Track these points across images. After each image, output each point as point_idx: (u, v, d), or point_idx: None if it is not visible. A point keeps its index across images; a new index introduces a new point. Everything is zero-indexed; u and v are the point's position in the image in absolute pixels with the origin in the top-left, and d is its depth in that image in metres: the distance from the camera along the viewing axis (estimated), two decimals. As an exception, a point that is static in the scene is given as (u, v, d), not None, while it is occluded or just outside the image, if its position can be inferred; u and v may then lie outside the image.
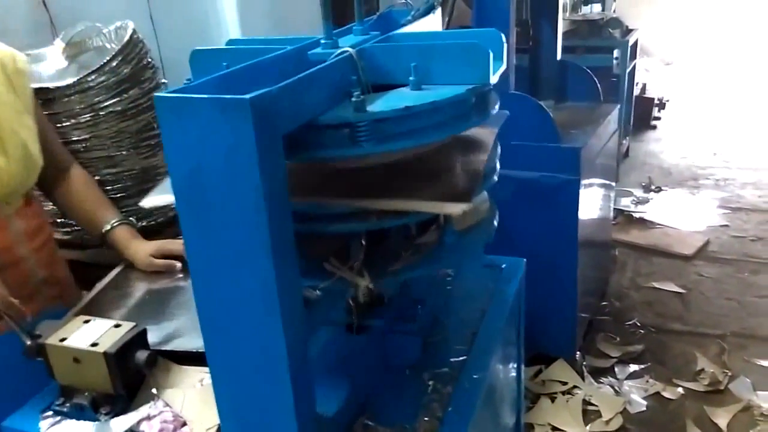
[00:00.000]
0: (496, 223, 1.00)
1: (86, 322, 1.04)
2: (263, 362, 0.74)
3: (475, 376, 1.02)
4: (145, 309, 1.26)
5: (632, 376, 2.36)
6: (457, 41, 0.85)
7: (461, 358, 1.06)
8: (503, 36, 0.95)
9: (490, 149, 0.95)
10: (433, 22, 1.23)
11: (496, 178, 0.96)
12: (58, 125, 1.50)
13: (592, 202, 2.40)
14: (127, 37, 1.58)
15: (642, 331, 2.64)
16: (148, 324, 1.14)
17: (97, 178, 1.54)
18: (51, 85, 1.49)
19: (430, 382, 1.02)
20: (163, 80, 1.72)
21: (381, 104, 0.79)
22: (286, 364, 0.73)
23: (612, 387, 2.31)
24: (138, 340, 1.01)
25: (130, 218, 1.51)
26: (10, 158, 1.21)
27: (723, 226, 3.55)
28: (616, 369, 2.40)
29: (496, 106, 0.91)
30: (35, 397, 1.03)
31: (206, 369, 1.08)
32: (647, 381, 2.33)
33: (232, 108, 0.62)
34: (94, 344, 0.98)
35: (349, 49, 0.84)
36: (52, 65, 1.74)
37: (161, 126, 0.67)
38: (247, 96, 0.62)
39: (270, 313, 0.71)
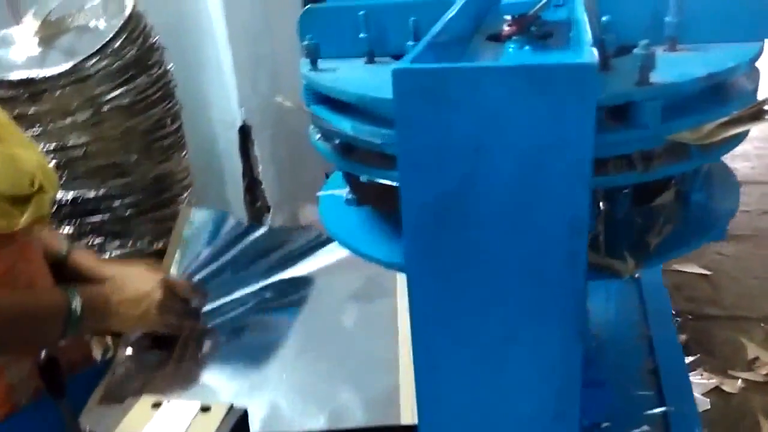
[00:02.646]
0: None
1: (156, 405, 0.73)
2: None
3: (694, 437, 0.77)
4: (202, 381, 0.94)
5: (685, 370, 2.19)
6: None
7: (658, 411, 0.81)
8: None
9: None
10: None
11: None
12: (51, 125, 1.16)
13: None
14: (128, 11, 1.25)
15: (678, 318, 2.47)
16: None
17: (102, 191, 1.21)
18: (37, 74, 1.15)
19: (636, 449, 0.76)
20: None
21: (664, 73, 0.52)
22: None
23: (667, 385, 2.12)
24: (240, 428, 0.71)
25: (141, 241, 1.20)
26: (41, 156, 0.89)
27: (726, 200, 3.44)
28: (666, 364, 2.22)
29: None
30: None
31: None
32: (702, 375, 2.16)
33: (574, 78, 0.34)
34: (183, 442, 0.68)
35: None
36: (21, 51, 1.38)
37: (412, 121, 0.38)
38: (583, 59, 0.34)
39: (563, 418, 0.44)
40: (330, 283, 1.09)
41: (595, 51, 0.35)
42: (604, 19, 0.52)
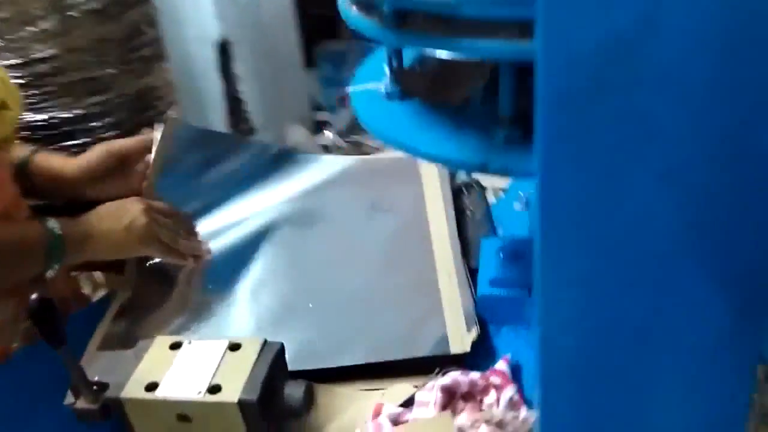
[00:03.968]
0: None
1: (175, 347, 0.63)
2: None
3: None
4: (215, 316, 0.82)
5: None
6: None
7: None
8: None
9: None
10: None
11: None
12: (11, 36, 1.00)
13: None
14: None
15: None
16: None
17: (78, 110, 1.06)
18: (-11, -26, 0.98)
19: None
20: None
21: None
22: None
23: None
24: (279, 365, 0.61)
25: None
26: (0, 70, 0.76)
27: None
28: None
29: None
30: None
31: (360, 386, 0.70)
32: None
33: None
34: (215, 388, 0.57)
35: None
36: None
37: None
38: None
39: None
40: (344, 195, 0.98)
41: None
42: None
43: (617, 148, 0.29)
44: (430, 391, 0.63)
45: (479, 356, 0.71)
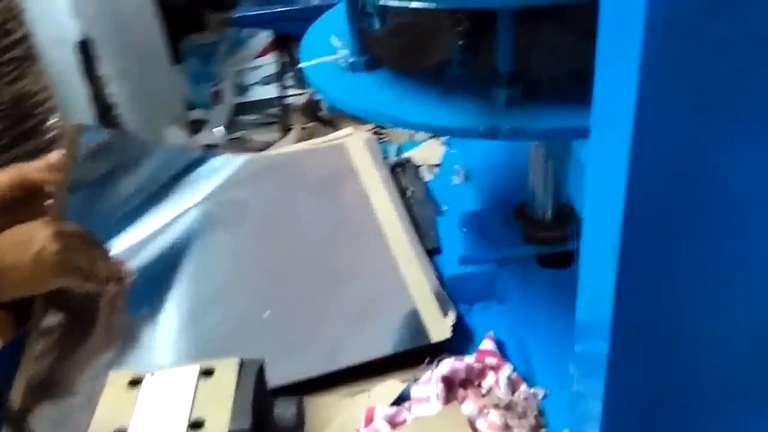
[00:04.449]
0: None
1: (134, 383, 0.53)
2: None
3: None
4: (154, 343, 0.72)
5: None
6: None
7: None
8: None
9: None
10: None
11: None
12: None
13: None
14: None
15: None
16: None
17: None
18: None
19: None
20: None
21: None
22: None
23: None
24: (262, 385, 0.54)
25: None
26: None
27: None
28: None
29: None
30: None
31: (340, 392, 0.64)
32: None
33: None
34: (197, 424, 0.49)
35: None
36: None
37: None
38: None
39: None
40: (274, 189, 0.90)
41: None
42: None
43: (729, 76, 0.26)
44: (427, 384, 0.59)
45: (455, 339, 0.67)
